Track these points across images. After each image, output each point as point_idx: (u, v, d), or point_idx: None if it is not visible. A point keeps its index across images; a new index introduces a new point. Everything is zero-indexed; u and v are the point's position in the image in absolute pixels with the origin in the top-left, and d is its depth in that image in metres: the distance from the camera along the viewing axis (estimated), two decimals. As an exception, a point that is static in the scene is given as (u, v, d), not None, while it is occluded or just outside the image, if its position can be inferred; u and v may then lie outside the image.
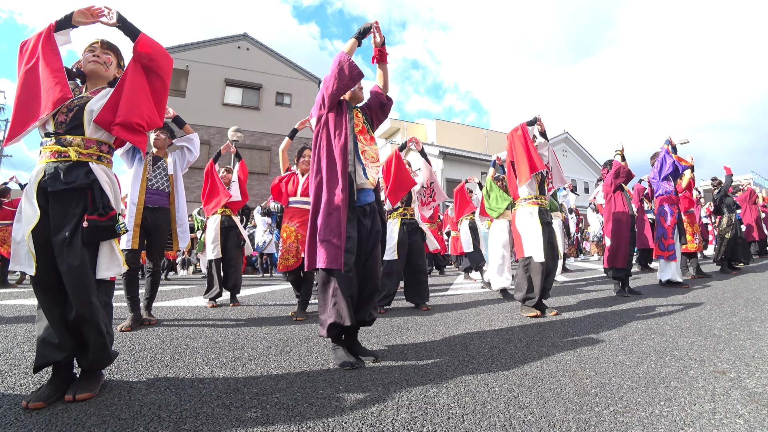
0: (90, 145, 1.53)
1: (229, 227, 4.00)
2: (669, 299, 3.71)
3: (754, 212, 7.57)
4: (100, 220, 1.47)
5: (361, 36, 2.06)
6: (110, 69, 1.72)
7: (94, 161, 1.54)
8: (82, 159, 1.50)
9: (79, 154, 1.49)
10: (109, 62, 1.72)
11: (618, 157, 4.40)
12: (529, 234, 3.16)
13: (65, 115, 1.51)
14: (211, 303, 3.81)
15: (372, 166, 2.08)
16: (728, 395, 1.47)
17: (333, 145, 1.96)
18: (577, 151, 24.73)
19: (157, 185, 2.92)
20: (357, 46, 2.08)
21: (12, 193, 6.34)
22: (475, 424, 1.26)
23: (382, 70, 2.20)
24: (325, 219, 1.88)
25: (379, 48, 2.12)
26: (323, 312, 1.93)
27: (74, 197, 1.47)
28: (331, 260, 1.83)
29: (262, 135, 15.77)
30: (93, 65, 1.67)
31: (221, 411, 1.35)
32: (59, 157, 1.47)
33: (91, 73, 1.68)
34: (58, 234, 1.42)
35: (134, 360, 1.96)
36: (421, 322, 2.96)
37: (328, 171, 1.94)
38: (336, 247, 1.83)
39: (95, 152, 1.55)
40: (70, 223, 1.44)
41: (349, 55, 1.99)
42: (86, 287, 1.42)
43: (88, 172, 1.50)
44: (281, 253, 3.28)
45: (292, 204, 3.36)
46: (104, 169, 1.58)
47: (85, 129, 1.53)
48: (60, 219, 1.44)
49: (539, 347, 2.17)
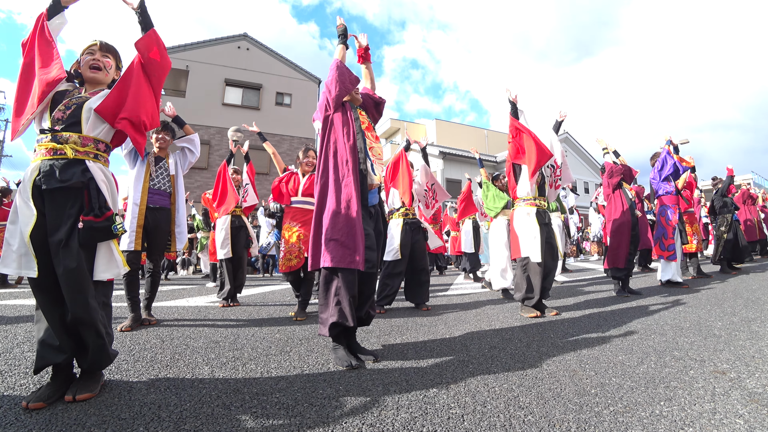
0: (87, 142, 1.51)
1: (239, 227, 4.03)
2: (669, 299, 3.71)
3: (753, 213, 7.57)
4: (95, 221, 1.43)
5: (344, 38, 2.18)
6: (110, 73, 1.71)
7: (91, 159, 1.51)
8: (79, 157, 1.47)
9: (76, 151, 1.47)
10: (109, 66, 1.70)
11: (608, 157, 4.41)
12: (526, 234, 3.16)
13: (62, 112, 1.49)
14: (223, 303, 3.82)
15: (378, 163, 2.09)
16: (728, 395, 1.47)
17: (342, 144, 1.97)
18: (577, 151, 24.73)
19: (158, 185, 2.92)
20: (346, 49, 2.19)
21: (13, 193, 6.35)
22: (475, 424, 1.26)
23: (368, 70, 2.36)
24: (333, 218, 1.86)
25: (363, 50, 2.30)
26: (324, 311, 1.91)
27: (70, 197, 1.44)
28: (338, 259, 1.81)
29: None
30: (93, 73, 1.64)
31: (221, 411, 1.35)
32: (55, 154, 1.44)
33: (91, 79, 1.66)
34: (54, 235, 1.39)
35: (134, 360, 1.96)
36: (421, 322, 2.96)
37: (337, 170, 1.94)
38: (344, 246, 1.82)
39: (92, 150, 1.52)
40: (66, 223, 1.40)
41: (343, 61, 2.09)
42: (83, 290, 1.39)
43: (85, 170, 1.47)
44: (284, 253, 3.27)
45: (293, 204, 3.36)
46: (101, 167, 1.55)
47: (82, 126, 1.50)
48: (56, 219, 1.41)
49: (539, 347, 2.17)
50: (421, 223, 3.84)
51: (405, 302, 3.88)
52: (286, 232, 3.31)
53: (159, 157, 3.00)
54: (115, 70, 1.75)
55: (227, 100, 16.19)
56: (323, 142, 2.04)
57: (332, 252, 1.83)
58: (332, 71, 2.03)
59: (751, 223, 7.49)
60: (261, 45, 17.26)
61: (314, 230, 1.95)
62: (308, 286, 3.34)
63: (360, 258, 1.82)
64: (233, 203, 3.94)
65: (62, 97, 1.54)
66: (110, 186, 1.57)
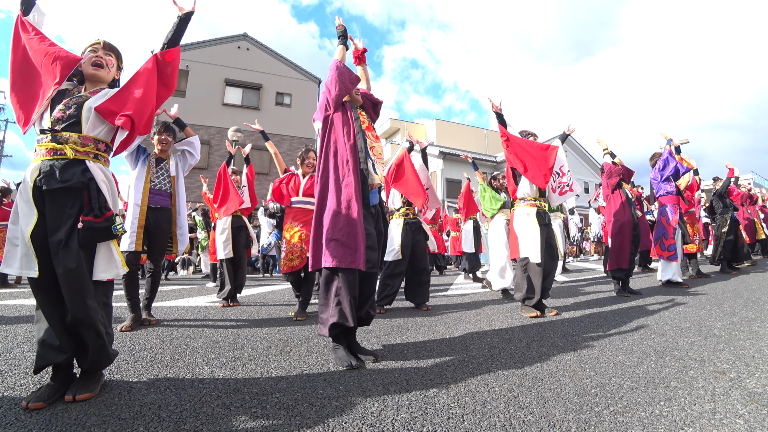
0: (87, 142, 1.51)
1: (239, 227, 4.03)
2: (669, 299, 3.71)
3: (753, 213, 7.58)
4: (95, 222, 1.43)
5: (344, 39, 2.22)
6: (111, 71, 1.71)
7: (91, 159, 1.51)
8: (79, 157, 1.47)
9: (76, 151, 1.47)
10: (111, 64, 1.71)
11: (607, 157, 4.42)
12: (526, 235, 3.16)
13: (62, 112, 1.49)
14: (223, 303, 3.82)
15: (379, 163, 2.10)
16: (728, 395, 1.47)
17: (342, 144, 1.97)
18: (577, 151, 24.71)
19: (159, 186, 2.92)
20: (345, 50, 2.22)
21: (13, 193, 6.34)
22: (475, 424, 1.26)
23: (365, 71, 2.40)
24: (333, 218, 1.86)
25: (360, 51, 2.37)
26: (325, 311, 1.91)
27: (70, 197, 1.44)
28: (339, 259, 1.81)
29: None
30: (95, 70, 1.65)
31: (221, 411, 1.35)
32: (55, 154, 1.44)
33: (93, 76, 1.66)
34: (54, 235, 1.39)
35: (134, 360, 1.95)
36: (421, 322, 2.96)
37: (337, 170, 1.94)
38: (344, 246, 1.81)
39: (92, 150, 1.52)
40: (66, 224, 1.41)
41: (343, 61, 2.11)
42: (83, 290, 1.40)
43: (85, 170, 1.47)
44: (285, 253, 3.26)
45: (294, 204, 3.36)
46: (101, 167, 1.55)
47: (82, 126, 1.50)
48: (56, 219, 1.41)
49: (539, 347, 2.17)
50: (422, 223, 3.84)
51: (405, 302, 3.88)
52: (287, 232, 3.30)
53: (160, 158, 3.00)
54: (116, 69, 1.76)
55: (227, 100, 16.19)
56: (323, 142, 2.04)
57: (333, 252, 1.82)
58: (332, 71, 2.03)
59: (750, 223, 7.49)
60: (261, 45, 17.26)
61: (315, 230, 1.94)
62: (309, 286, 3.34)
63: (361, 258, 1.81)
64: (236, 204, 3.93)
65: (62, 97, 1.54)
66: (110, 186, 1.57)
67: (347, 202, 1.87)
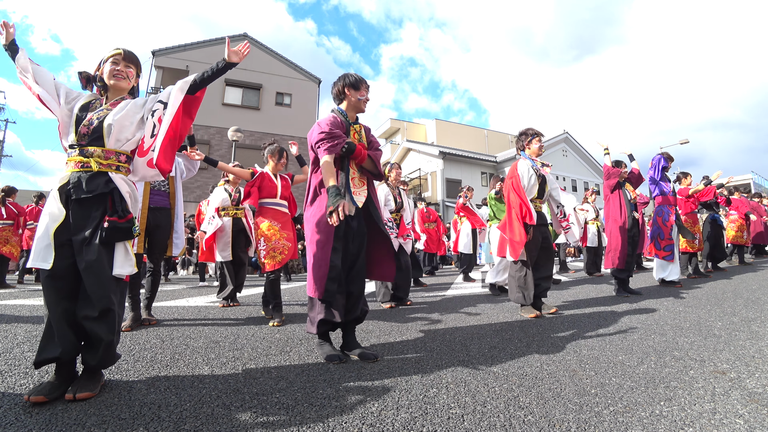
0: (109, 155, 1.64)
1: (238, 231, 4.04)
2: (669, 299, 3.71)
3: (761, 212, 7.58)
4: (119, 222, 1.58)
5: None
6: (131, 81, 1.81)
7: (113, 171, 1.64)
8: (102, 169, 1.61)
9: (100, 164, 1.60)
10: (132, 75, 1.80)
11: (607, 158, 4.45)
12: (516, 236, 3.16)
13: (87, 128, 1.62)
14: (223, 303, 3.82)
15: (360, 192, 2.13)
16: (728, 395, 1.47)
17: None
18: (577, 151, 24.71)
19: (158, 186, 2.94)
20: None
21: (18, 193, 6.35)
22: (475, 424, 1.26)
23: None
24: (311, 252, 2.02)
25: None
26: (312, 309, 2.05)
27: (94, 202, 1.58)
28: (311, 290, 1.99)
29: (262, 135, 15.76)
30: (116, 81, 1.74)
31: (221, 411, 1.35)
32: (82, 167, 1.59)
33: (113, 86, 1.75)
34: (78, 234, 1.52)
35: (134, 360, 1.96)
36: (422, 322, 2.96)
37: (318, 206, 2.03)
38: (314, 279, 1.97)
39: (114, 162, 1.65)
40: (90, 225, 1.54)
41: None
42: (104, 284, 1.50)
43: (108, 182, 1.60)
44: (266, 251, 3.08)
45: (269, 205, 3.25)
46: (122, 177, 1.67)
47: (105, 141, 1.62)
48: (81, 221, 1.55)
49: (539, 347, 2.17)
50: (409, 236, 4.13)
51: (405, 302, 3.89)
52: (269, 230, 3.15)
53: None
54: (136, 78, 1.85)
55: (227, 100, 16.19)
56: (313, 169, 2.10)
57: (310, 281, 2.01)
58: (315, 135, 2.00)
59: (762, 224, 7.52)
60: (261, 45, 17.26)
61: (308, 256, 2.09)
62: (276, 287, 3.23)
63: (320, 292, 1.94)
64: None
65: (86, 111, 1.66)
66: (132, 193, 1.71)
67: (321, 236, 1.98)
